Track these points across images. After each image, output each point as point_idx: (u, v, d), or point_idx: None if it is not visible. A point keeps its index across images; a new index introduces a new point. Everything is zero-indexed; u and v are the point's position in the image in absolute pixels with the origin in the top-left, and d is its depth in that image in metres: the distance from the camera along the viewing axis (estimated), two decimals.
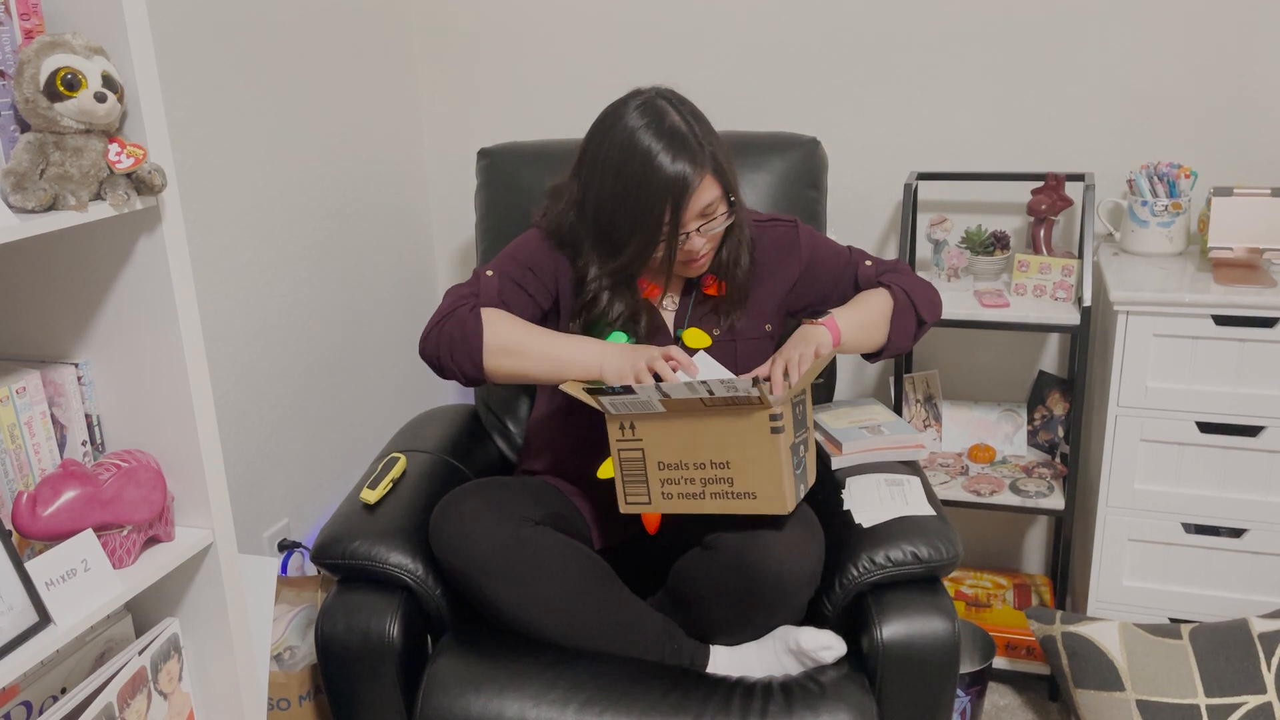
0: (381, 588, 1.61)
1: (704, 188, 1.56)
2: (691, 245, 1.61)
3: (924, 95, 2.25)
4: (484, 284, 1.65)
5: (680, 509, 1.51)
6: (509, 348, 1.57)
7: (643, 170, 1.54)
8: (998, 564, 2.49)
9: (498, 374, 1.59)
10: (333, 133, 2.21)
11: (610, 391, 1.45)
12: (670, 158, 1.53)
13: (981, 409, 2.31)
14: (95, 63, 1.15)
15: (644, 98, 1.60)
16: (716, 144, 1.60)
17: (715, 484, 1.47)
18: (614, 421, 1.50)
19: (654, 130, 1.55)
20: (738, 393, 1.39)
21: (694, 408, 1.43)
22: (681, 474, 1.49)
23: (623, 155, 1.56)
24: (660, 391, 1.42)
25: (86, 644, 1.38)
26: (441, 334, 1.59)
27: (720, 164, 1.58)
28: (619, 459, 1.52)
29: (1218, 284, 1.89)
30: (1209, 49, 2.08)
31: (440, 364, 1.60)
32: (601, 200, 1.60)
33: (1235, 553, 1.97)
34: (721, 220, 1.61)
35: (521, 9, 2.42)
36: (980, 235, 2.19)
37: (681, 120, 1.57)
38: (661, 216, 1.55)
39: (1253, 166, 2.11)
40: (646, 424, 1.48)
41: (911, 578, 1.58)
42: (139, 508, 1.28)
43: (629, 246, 1.59)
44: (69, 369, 1.32)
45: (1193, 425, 1.92)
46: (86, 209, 1.16)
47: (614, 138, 1.58)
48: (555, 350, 1.58)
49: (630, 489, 1.53)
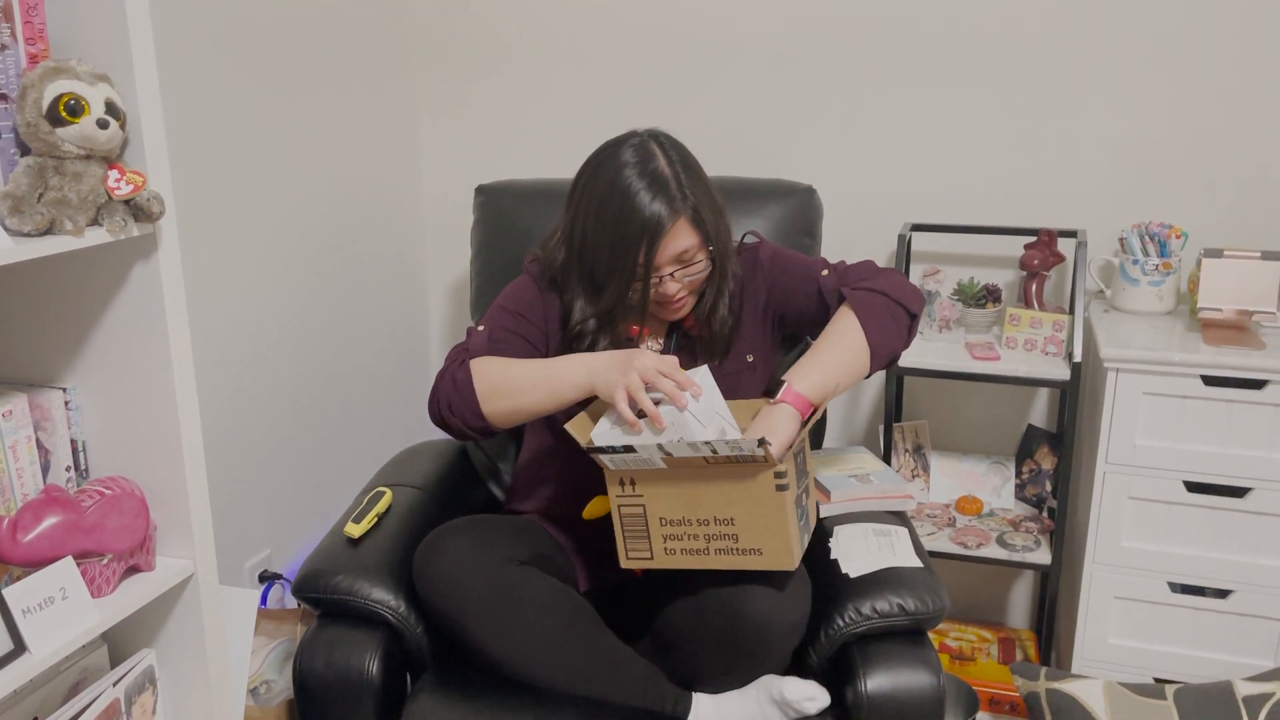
0: (362, 624, 1.59)
1: (679, 232, 1.56)
2: (665, 289, 1.61)
3: (920, 147, 2.27)
4: (473, 339, 1.66)
5: (684, 564, 1.49)
6: (499, 388, 1.57)
7: (621, 208, 1.56)
8: (983, 617, 2.48)
9: (499, 418, 1.58)
10: (331, 164, 2.22)
11: (610, 450, 1.43)
12: (649, 198, 1.55)
13: (970, 460, 2.31)
14: (99, 89, 1.16)
15: (637, 139, 1.62)
16: (702, 194, 1.59)
17: (720, 540, 1.45)
18: (614, 476, 1.47)
19: (638, 171, 1.57)
20: (742, 452, 1.37)
21: (696, 464, 1.42)
22: (685, 529, 1.46)
23: (606, 192, 1.58)
24: (662, 450, 1.41)
25: (60, 673, 1.36)
26: (440, 395, 1.60)
27: (701, 213, 1.58)
28: (619, 514, 1.49)
29: (1207, 344, 1.91)
30: (1203, 111, 2.11)
31: (447, 423, 1.61)
32: (585, 236, 1.62)
33: (1221, 614, 1.97)
34: (699, 269, 1.61)
35: (524, 49, 2.44)
36: (973, 288, 2.21)
37: (668, 165, 1.58)
38: (636, 256, 1.56)
39: (1243, 229, 2.13)
40: (648, 479, 1.45)
41: (897, 630, 1.57)
42: (121, 536, 1.27)
43: (609, 287, 1.60)
44: (57, 393, 1.31)
45: (1180, 484, 1.92)
46: (83, 234, 1.16)
47: (601, 175, 1.60)
48: (543, 375, 1.56)
49: (631, 544, 1.51)
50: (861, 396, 2.47)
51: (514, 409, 1.57)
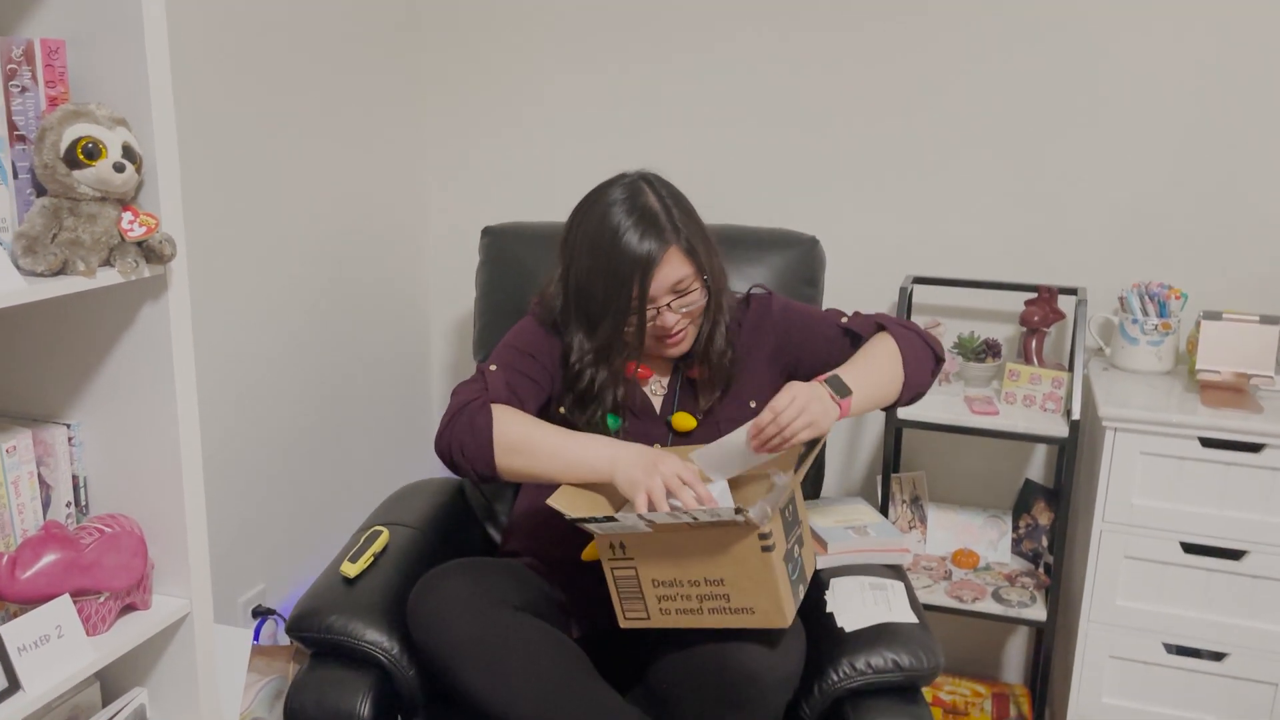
0: (355, 665, 1.59)
1: (671, 262, 1.59)
2: (664, 321, 1.63)
3: (924, 202, 2.30)
4: (490, 380, 1.65)
5: (679, 624, 1.49)
6: (518, 446, 1.57)
7: (611, 245, 1.59)
8: (977, 671, 2.47)
9: (508, 472, 1.58)
10: (337, 203, 2.24)
11: (593, 520, 1.43)
12: (639, 234, 1.58)
13: (967, 513, 2.31)
14: (117, 133, 1.17)
15: (627, 179, 1.66)
16: (693, 227, 1.64)
17: (712, 600, 1.45)
18: (604, 541, 1.47)
19: (626, 208, 1.60)
20: (721, 519, 1.37)
21: (681, 529, 1.41)
22: (677, 590, 1.46)
23: (596, 230, 1.61)
24: (644, 520, 1.41)
25: (53, 710, 1.35)
26: (454, 433, 1.58)
27: (693, 244, 1.62)
28: (612, 577, 1.49)
29: (1204, 406, 1.91)
30: (1205, 174, 2.14)
31: (455, 463, 1.60)
32: (579, 275, 1.64)
33: (1217, 676, 1.96)
34: (696, 298, 1.64)
35: (533, 91, 2.47)
36: (973, 342, 2.22)
37: (657, 200, 1.62)
38: (630, 290, 1.59)
39: (1242, 291, 2.15)
40: (636, 544, 1.45)
41: (891, 686, 1.56)
42: (118, 574, 1.27)
43: (604, 321, 1.62)
44: (60, 429, 1.32)
45: (1177, 545, 1.92)
46: (95, 275, 1.17)
47: (591, 215, 1.64)
48: (566, 450, 1.56)
49: (628, 605, 1.51)
50: (860, 446, 2.47)
51: (526, 471, 1.58)
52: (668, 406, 1.75)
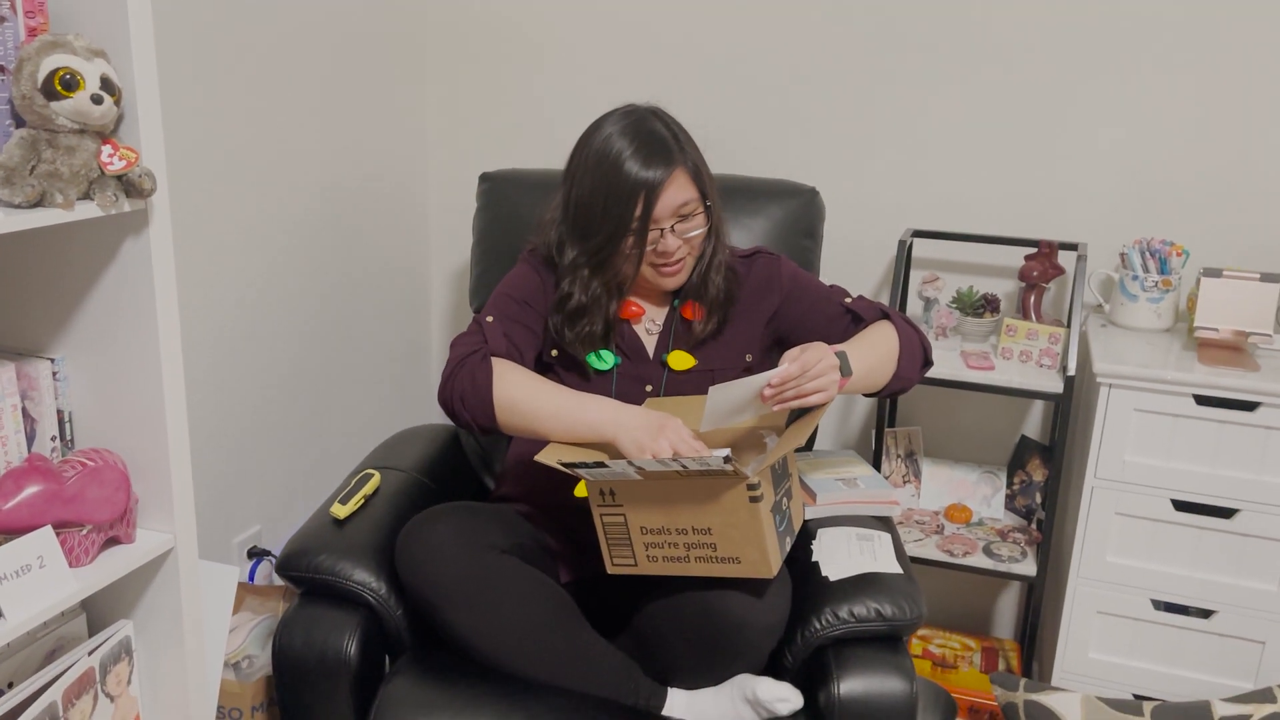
0: (342, 604, 1.60)
1: (677, 183, 1.60)
2: (665, 245, 1.63)
3: (925, 154, 2.27)
4: (488, 331, 1.66)
5: (666, 571, 1.50)
6: (519, 405, 1.57)
7: (616, 165, 1.59)
8: (968, 625, 2.48)
9: (508, 428, 1.59)
10: (333, 145, 2.22)
11: (584, 466, 1.43)
12: (645, 155, 1.59)
13: (962, 469, 2.31)
14: (95, 65, 1.16)
15: (630, 107, 1.67)
16: (697, 155, 1.66)
17: (699, 549, 1.46)
18: (594, 487, 1.48)
19: (631, 133, 1.61)
20: (710, 468, 1.37)
21: (670, 477, 1.42)
22: (665, 538, 1.47)
23: (602, 149, 1.62)
24: (634, 466, 1.41)
25: (37, 640, 1.37)
26: (455, 386, 1.59)
27: (699, 169, 1.64)
28: (601, 523, 1.50)
29: (1201, 364, 1.90)
30: (1209, 131, 2.10)
31: (456, 415, 1.61)
32: (580, 194, 1.64)
33: (1203, 633, 1.96)
34: (699, 223, 1.64)
35: (533, 39, 2.44)
36: (971, 296, 2.20)
37: (664, 127, 1.64)
38: (634, 209, 1.59)
39: (1244, 249, 2.12)
40: (626, 491, 1.46)
41: (873, 635, 1.57)
42: (101, 507, 1.28)
43: (602, 238, 1.62)
44: (45, 364, 1.32)
45: (1168, 503, 1.92)
46: (74, 208, 1.17)
47: (597, 136, 1.64)
48: (567, 410, 1.57)
49: (615, 551, 1.52)
50: (855, 401, 2.46)
51: (526, 427, 1.58)
52: (661, 346, 1.75)
